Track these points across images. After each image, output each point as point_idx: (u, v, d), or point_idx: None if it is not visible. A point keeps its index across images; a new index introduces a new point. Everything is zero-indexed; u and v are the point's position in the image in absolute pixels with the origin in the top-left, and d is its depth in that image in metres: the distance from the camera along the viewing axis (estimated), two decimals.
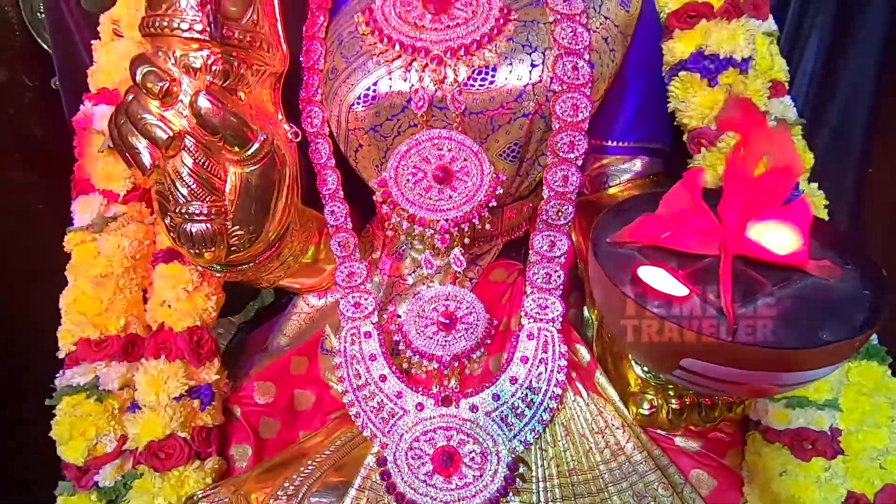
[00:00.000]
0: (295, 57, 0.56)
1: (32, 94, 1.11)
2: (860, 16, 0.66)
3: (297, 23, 0.57)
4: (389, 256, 0.66)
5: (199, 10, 0.44)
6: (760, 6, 0.61)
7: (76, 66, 0.71)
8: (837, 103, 0.68)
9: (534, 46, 0.53)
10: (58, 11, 0.71)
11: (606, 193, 0.69)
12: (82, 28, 0.70)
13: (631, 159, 0.67)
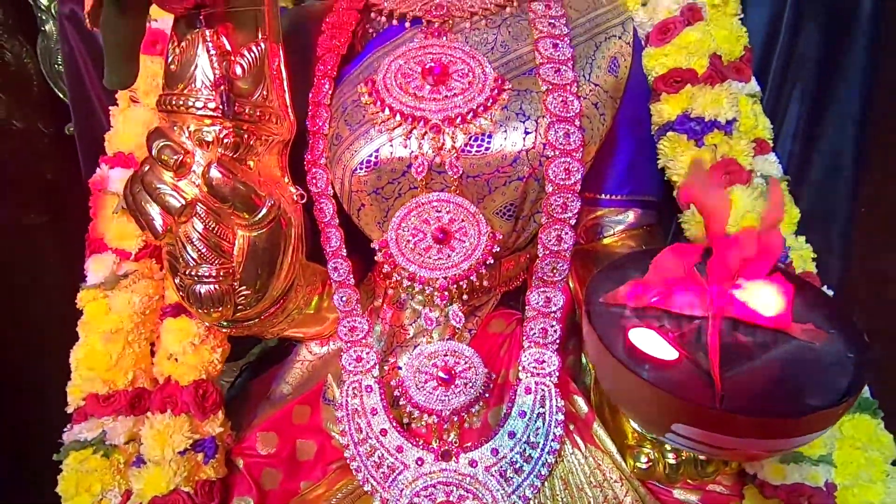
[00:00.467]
0: (301, 121, 0.59)
1: (47, 140, 1.15)
2: (839, 74, 0.69)
3: (303, 88, 0.61)
4: (390, 306, 0.67)
5: (213, 90, 0.47)
6: (743, 69, 0.64)
7: (90, 112, 0.75)
8: (822, 157, 0.71)
9: (527, 115, 0.56)
10: (75, 66, 0.74)
11: (601, 243, 0.71)
12: (97, 84, 0.74)
13: (624, 211, 0.70)
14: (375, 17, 0.62)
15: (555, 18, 0.59)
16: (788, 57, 0.68)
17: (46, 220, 1.20)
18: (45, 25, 1.04)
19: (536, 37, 0.58)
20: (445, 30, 0.59)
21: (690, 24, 0.62)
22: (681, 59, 0.61)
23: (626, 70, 0.63)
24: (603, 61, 0.60)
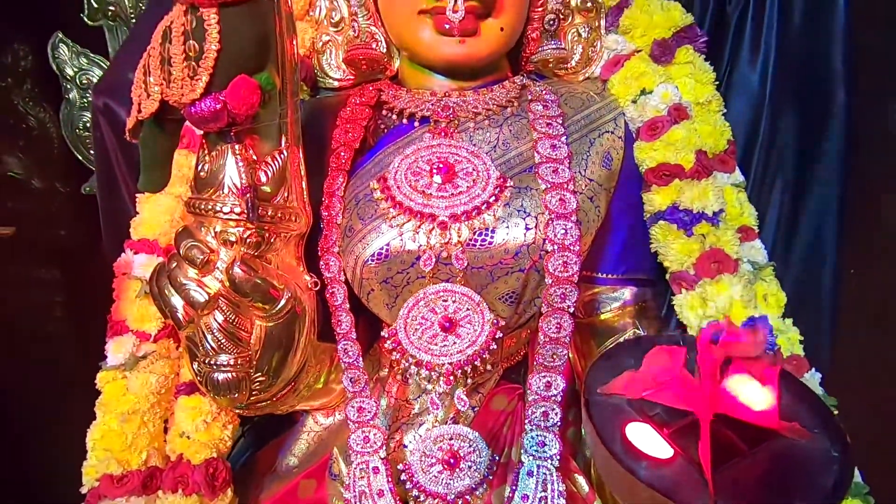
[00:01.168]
0: (315, 208, 0.63)
1: (64, 199, 1.20)
2: (818, 161, 0.74)
3: (318, 176, 0.65)
4: (396, 380, 0.70)
5: (239, 197, 0.51)
6: (727, 161, 0.69)
7: (117, 195, 0.79)
8: (804, 237, 0.75)
9: (527, 211, 0.60)
10: (105, 153, 0.79)
11: (599, 318, 0.74)
12: (124, 170, 0.78)
13: (620, 289, 0.73)
14: (387, 114, 0.67)
15: (552, 119, 0.64)
16: (770, 147, 0.73)
17: (58, 276, 1.24)
18: (69, 94, 1.11)
19: (535, 138, 0.63)
20: (452, 129, 0.64)
21: (677, 123, 0.67)
22: (669, 155, 0.66)
23: (619, 162, 0.68)
24: (597, 157, 0.65)
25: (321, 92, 0.76)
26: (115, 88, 0.77)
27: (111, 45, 1.08)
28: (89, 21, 1.05)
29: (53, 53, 1.07)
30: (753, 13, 0.71)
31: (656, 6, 0.69)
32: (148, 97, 0.47)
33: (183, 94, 0.46)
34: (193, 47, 0.45)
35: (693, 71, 0.68)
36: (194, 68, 0.45)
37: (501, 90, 0.67)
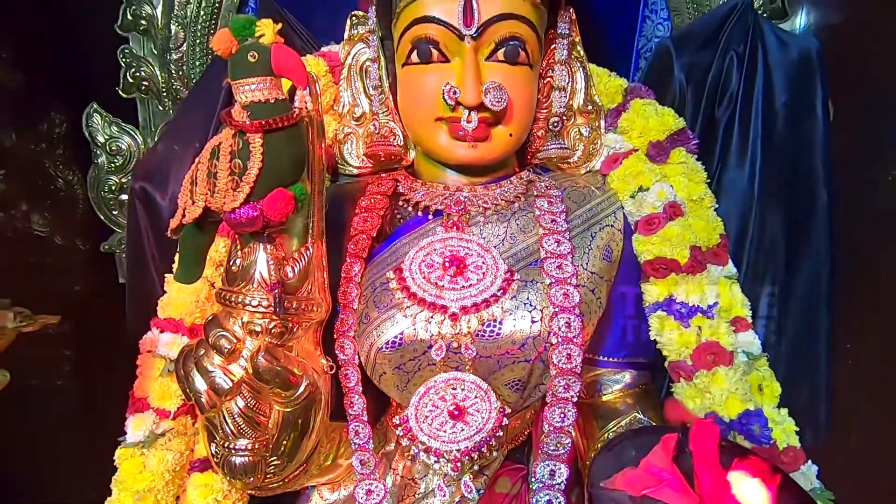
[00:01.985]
0: (333, 291, 0.67)
1: (83, 256, 1.24)
2: (806, 257, 0.79)
3: (336, 259, 0.69)
4: (402, 457, 0.72)
5: (267, 292, 0.55)
6: (720, 254, 0.73)
7: (145, 273, 0.83)
8: (796, 325, 0.79)
9: (533, 304, 0.64)
10: (137, 233, 0.83)
11: (601, 400, 0.77)
12: (154, 250, 0.82)
13: (620, 372, 0.76)
14: (403, 204, 0.72)
15: (556, 215, 0.69)
16: (760, 240, 0.78)
17: (71, 329, 1.26)
18: (98, 159, 1.17)
19: (541, 234, 0.68)
20: (463, 223, 0.69)
21: (672, 219, 0.72)
22: (665, 250, 0.71)
23: (619, 253, 0.72)
24: (598, 250, 0.70)
25: (341, 178, 0.82)
26: (152, 174, 0.83)
27: (142, 115, 1.15)
28: (123, 94, 1.13)
29: (87, 122, 1.14)
30: (740, 119, 0.78)
31: (651, 111, 0.76)
32: (193, 204, 0.52)
33: (225, 203, 0.51)
34: (238, 165, 0.50)
35: (686, 170, 0.74)
36: (237, 182, 0.50)
37: (509, 185, 0.72)
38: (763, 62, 0.76)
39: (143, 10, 1.08)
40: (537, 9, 0.65)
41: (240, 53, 0.49)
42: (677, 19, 1.11)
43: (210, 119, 0.80)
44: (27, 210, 1.18)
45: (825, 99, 0.77)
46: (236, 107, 0.51)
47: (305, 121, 0.53)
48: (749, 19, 0.76)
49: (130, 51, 1.10)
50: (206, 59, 1.12)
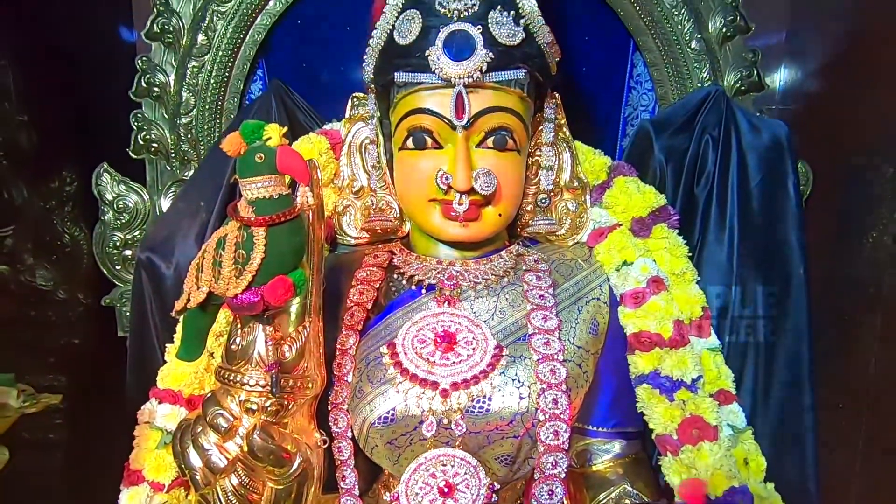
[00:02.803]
0: (327, 361, 0.69)
1: (82, 309, 1.26)
2: (786, 328, 0.82)
3: (332, 329, 0.71)
4: None
5: (265, 372, 0.58)
6: (703, 326, 0.76)
7: (146, 341, 0.85)
8: (779, 395, 0.81)
9: (521, 380, 0.66)
10: (141, 301, 0.86)
11: (591, 470, 0.78)
12: (157, 318, 0.85)
13: (610, 442, 0.78)
14: (398, 277, 0.76)
15: (543, 290, 0.73)
16: (741, 312, 0.81)
17: (69, 381, 1.27)
18: (105, 215, 1.21)
19: (529, 309, 0.71)
20: (454, 298, 0.72)
21: (656, 294, 0.75)
22: (649, 324, 0.73)
23: (605, 325, 0.75)
24: (584, 324, 0.73)
25: (339, 247, 0.85)
26: (158, 245, 0.86)
27: (150, 174, 1.20)
28: (133, 154, 1.18)
29: (97, 181, 1.19)
30: (717, 198, 0.82)
31: (634, 188, 0.80)
32: (198, 289, 0.55)
33: (228, 289, 0.54)
34: (242, 255, 0.53)
35: (668, 245, 0.78)
36: (240, 271, 0.53)
37: (499, 260, 0.76)
38: (737, 145, 0.81)
39: (157, 78, 1.14)
40: (524, 101, 0.70)
41: (248, 154, 0.53)
42: (661, 90, 1.18)
43: (216, 194, 0.84)
44: (32, 265, 1.21)
45: (796, 180, 0.82)
46: (242, 201, 0.55)
47: (306, 213, 0.57)
48: (722, 106, 0.82)
49: (143, 115, 1.16)
50: (215, 123, 1.18)
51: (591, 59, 1.19)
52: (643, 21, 1.14)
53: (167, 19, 1.11)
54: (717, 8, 1.13)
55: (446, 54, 0.63)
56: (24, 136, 1.15)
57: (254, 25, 1.13)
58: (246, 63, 1.14)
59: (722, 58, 1.16)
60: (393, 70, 0.68)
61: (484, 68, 0.64)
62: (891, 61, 0.97)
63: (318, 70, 1.19)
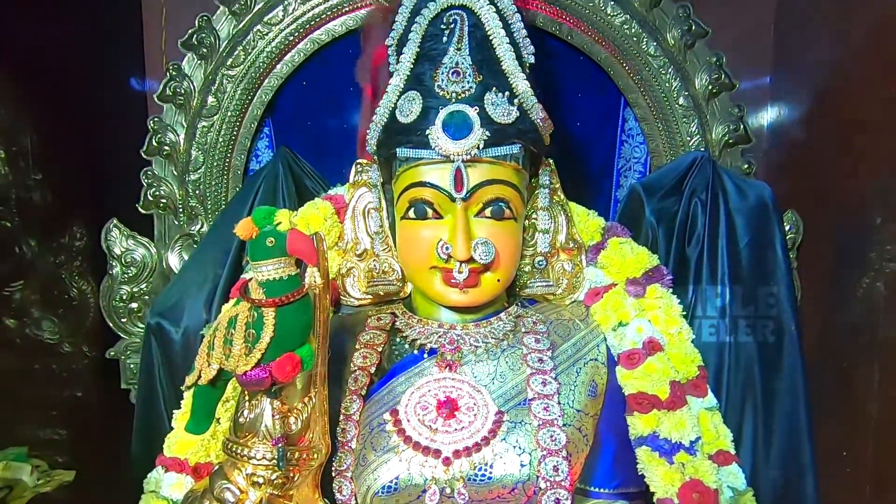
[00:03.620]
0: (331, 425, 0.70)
1: (87, 361, 1.27)
2: (782, 383, 0.83)
3: (337, 390, 0.73)
4: None
5: (272, 446, 0.59)
6: (700, 385, 0.78)
7: (153, 407, 0.86)
8: (779, 452, 0.82)
9: (522, 447, 0.67)
10: (150, 366, 0.88)
11: None
12: (165, 384, 0.87)
13: (613, 503, 0.78)
14: (400, 341, 0.78)
15: (542, 353, 0.74)
16: (737, 370, 0.83)
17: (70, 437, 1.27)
18: (113, 269, 1.23)
19: (528, 373, 0.72)
20: (456, 362, 0.73)
21: (652, 355, 0.77)
22: (647, 385, 0.75)
23: (603, 386, 0.77)
24: (583, 386, 0.74)
25: (343, 308, 0.88)
26: (168, 310, 0.89)
27: (157, 229, 1.24)
28: (142, 210, 1.22)
29: (106, 236, 1.22)
30: (709, 258, 0.85)
31: (627, 249, 0.83)
32: (209, 366, 0.57)
33: (238, 366, 0.56)
34: (252, 334, 0.56)
35: (663, 305, 0.80)
36: (250, 349, 0.56)
37: (499, 323, 0.78)
38: (725, 208, 0.85)
39: (168, 137, 1.19)
40: (519, 173, 0.74)
41: (259, 239, 0.56)
42: (652, 144, 1.23)
43: (223, 261, 0.87)
44: (39, 318, 1.22)
45: (783, 241, 0.85)
46: (253, 282, 0.57)
47: (313, 292, 0.60)
48: (709, 170, 0.86)
49: (153, 172, 1.20)
50: (222, 179, 1.22)
51: (585, 114, 1.25)
52: (632, 79, 1.20)
53: (179, 83, 1.17)
54: (703, 67, 1.20)
55: (446, 134, 0.67)
56: (37, 193, 1.18)
57: (261, 87, 1.19)
58: (253, 122, 1.20)
59: (709, 113, 1.22)
60: (395, 145, 0.72)
61: (481, 146, 0.68)
62: (875, 108, 1.01)
63: (322, 128, 1.24)
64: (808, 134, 1.26)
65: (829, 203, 1.19)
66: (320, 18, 1.16)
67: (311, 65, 1.18)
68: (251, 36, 1.16)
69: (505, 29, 0.70)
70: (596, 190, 1.27)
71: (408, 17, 0.73)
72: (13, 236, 1.15)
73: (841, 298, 1.12)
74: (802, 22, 1.30)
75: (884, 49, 1.02)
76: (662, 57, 1.18)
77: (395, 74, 0.72)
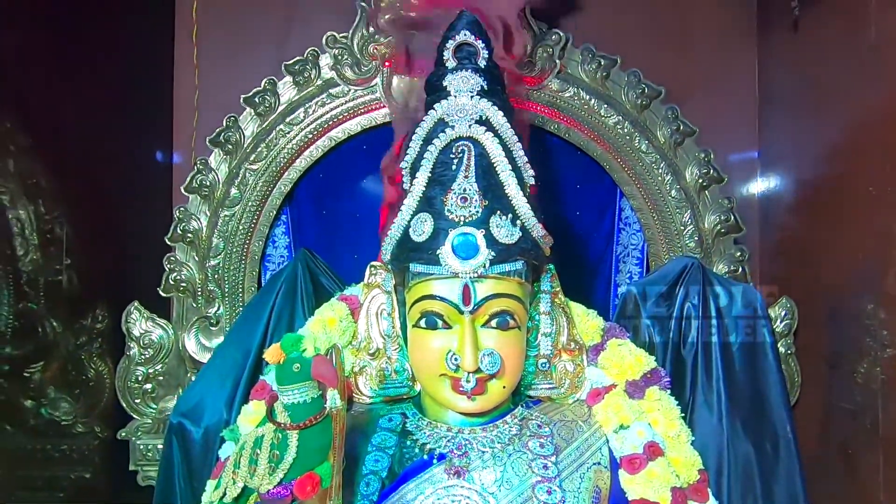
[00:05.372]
0: None
1: (97, 442, 1.29)
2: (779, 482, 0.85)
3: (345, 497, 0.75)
4: None
5: None
6: (701, 490, 0.80)
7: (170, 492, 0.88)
8: None
9: None
10: (169, 467, 0.91)
11: None
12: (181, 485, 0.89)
13: None
14: (411, 444, 0.81)
15: (547, 459, 0.77)
16: (736, 471, 0.85)
17: None
18: (130, 351, 1.28)
19: (534, 480, 0.75)
20: (464, 468, 0.76)
21: (652, 459, 0.80)
22: (648, 492, 0.77)
23: (607, 492, 0.79)
24: (587, 493, 0.77)
25: (355, 405, 0.91)
26: (190, 410, 0.93)
27: (176, 311, 1.29)
28: (163, 293, 1.28)
29: (127, 318, 1.28)
30: (703, 361, 0.89)
31: (626, 351, 0.88)
32: (234, 484, 0.61)
33: (262, 485, 0.59)
34: (276, 455, 0.60)
35: (661, 407, 0.84)
36: (274, 469, 0.59)
37: (505, 427, 0.81)
38: (716, 313, 0.90)
39: (192, 225, 1.27)
40: (522, 285, 0.79)
41: (286, 364, 0.61)
42: (648, 232, 1.30)
43: (243, 362, 0.91)
44: (55, 398, 1.26)
45: (774, 345, 0.89)
46: (278, 405, 0.62)
47: (333, 414, 0.64)
48: (700, 276, 0.92)
49: (175, 258, 1.27)
50: (241, 264, 1.29)
51: (584, 204, 1.33)
52: (627, 173, 1.28)
53: (205, 175, 1.26)
54: (692, 161, 1.29)
55: (454, 254, 0.73)
56: (65, 277, 1.25)
57: (281, 179, 1.28)
58: (272, 211, 1.28)
59: (701, 203, 1.30)
60: (409, 260, 0.78)
61: (487, 265, 0.74)
62: (861, 193, 1.07)
63: (336, 216, 1.32)
64: (798, 220, 1.32)
65: (821, 288, 1.23)
66: (338, 119, 1.27)
67: (327, 159, 1.28)
68: (274, 134, 1.26)
69: (507, 156, 0.78)
70: (596, 275, 1.34)
71: (420, 144, 0.81)
72: (38, 318, 1.21)
73: (841, 384, 1.14)
74: (784, 115, 1.40)
75: (868, 135, 1.10)
76: (654, 153, 1.28)
77: (408, 195, 0.79)
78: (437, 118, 0.79)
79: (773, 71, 1.43)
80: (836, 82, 1.22)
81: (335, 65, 1.23)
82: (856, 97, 1.15)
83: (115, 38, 1.32)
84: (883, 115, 1.08)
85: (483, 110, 0.78)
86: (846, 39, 1.19)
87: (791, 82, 1.38)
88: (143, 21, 1.40)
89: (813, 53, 1.29)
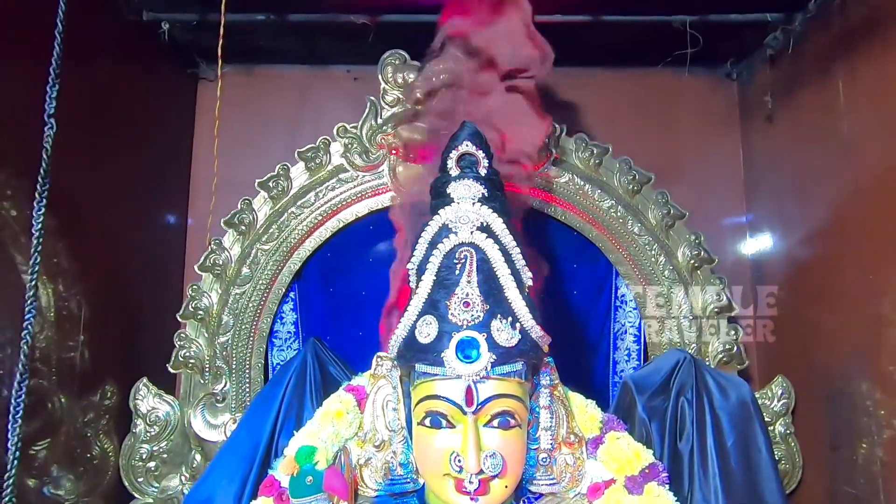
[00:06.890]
0: None
1: None
2: None
3: None
4: None
5: None
6: None
7: None
8: None
9: None
10: None
11: None
12: None
13: None
14: None
15: None
16: None
17: None
18: (136, 427, 1.29)
19: None
20: None
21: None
22: None
23: None
24: None
25: (360, 498, 0.92)
26: None
27: (183, 387, 1.31)
28: (172, 370, 1.30)
29: (135, 395, 1.30)
30: (699, 454, 0.91)
31: (624, 445, 0.90)
32: None
33: None
34: None
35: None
36: None
37: None
38: (709, 407, 0.93)
39: (203, 302, 1.31)
40: (522, 385, 0.83)
41: (300, 476, 0.64)
42: (644, 310, 1.34)
43: (252, 457, 0.93)
44: (58, 476, 1.25)
45: (766, 438, 0.92)
46: None
47: None
48: (692, 369, 0.95)
49: (185, 335, 1.30)
50: (249, 340, 1.32)
51: (581, 283, 1.37)
52: (621, 254, 1.34)
53: (218, 255, 1.31)
54: (683, 243, 1.34)
55: (458, 357, 0.77)
56: (77, 353, 1.27)
57: (291, 258, 1.33)
58: (281, 289, 1.32)
59: (694, 282, 1.35)
60: (414, 360, 0.82)
61: (489, 367, 0.78)
62: (850, 271, 1.11)
63: (343, 295, 1.37)
64: (789, 300, 1.35)
65: (816, 368, 1.25)
66: (346, 201, 1.33)
67: (335, 239, 1.34)
68: (286, 216, 1.32)
69: (507, 260, 0.84)
70: (595, 352, 1.37)
71: (426, 247, 0.87)
72: (47, 395, 1.22)
73: (842, 464, 1.14)
74: (770, 199, 1.47)
75: (849, 222, 1.15)
76: (647, 235, 1.34)
77: (414, 296, 0.84)
78: (442, 223, 0.85)
79: (756, 158, 1.51)
80: (815, 171, 1.29)
81: (345, 152, 1.32)
82: (835, 186, 1.22)
83: (139, 126, 1.41)
84: (861, 204, 1.14)
85: (484, 217, 0.84)
86: (820, 132, 1.27)
87: (773, 169, 1.46)
88: (165, 108, 1.50)
89: (790, 143, 1.37)
